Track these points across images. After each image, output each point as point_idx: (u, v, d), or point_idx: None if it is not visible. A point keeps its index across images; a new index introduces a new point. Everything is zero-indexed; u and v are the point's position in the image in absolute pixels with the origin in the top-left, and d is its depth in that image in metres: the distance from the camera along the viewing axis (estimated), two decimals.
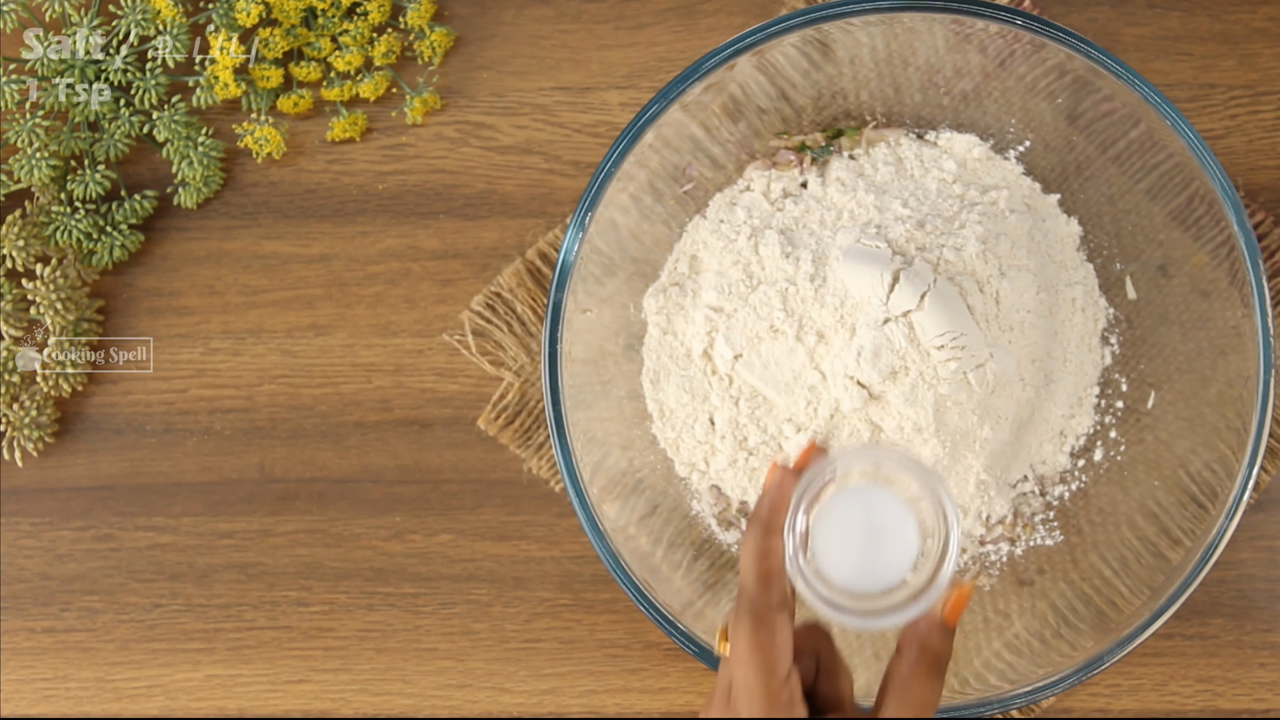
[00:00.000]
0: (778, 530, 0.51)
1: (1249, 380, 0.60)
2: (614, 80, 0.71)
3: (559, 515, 0.70)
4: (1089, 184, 0.67)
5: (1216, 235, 0.61)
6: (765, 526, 0.51)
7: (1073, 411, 0.66)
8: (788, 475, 0.52)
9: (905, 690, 0.50)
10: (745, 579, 0.50)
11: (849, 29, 0.64)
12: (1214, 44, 0.70)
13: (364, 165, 0.72)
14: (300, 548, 0.70)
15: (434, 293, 0.71)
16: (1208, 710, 0.68)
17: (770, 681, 0.48)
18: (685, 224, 0.68)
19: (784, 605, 0.50)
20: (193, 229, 0.72)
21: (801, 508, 0.51)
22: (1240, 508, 0.59)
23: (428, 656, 0.70)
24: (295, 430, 0.71)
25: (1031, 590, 0.66)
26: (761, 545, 0.50)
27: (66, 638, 0.70)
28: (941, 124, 0.68)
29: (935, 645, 0.50)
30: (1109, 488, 0.66)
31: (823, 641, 0.52)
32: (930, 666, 0.50)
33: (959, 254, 0.63)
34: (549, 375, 0.61)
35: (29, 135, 0.68)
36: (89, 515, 0.71)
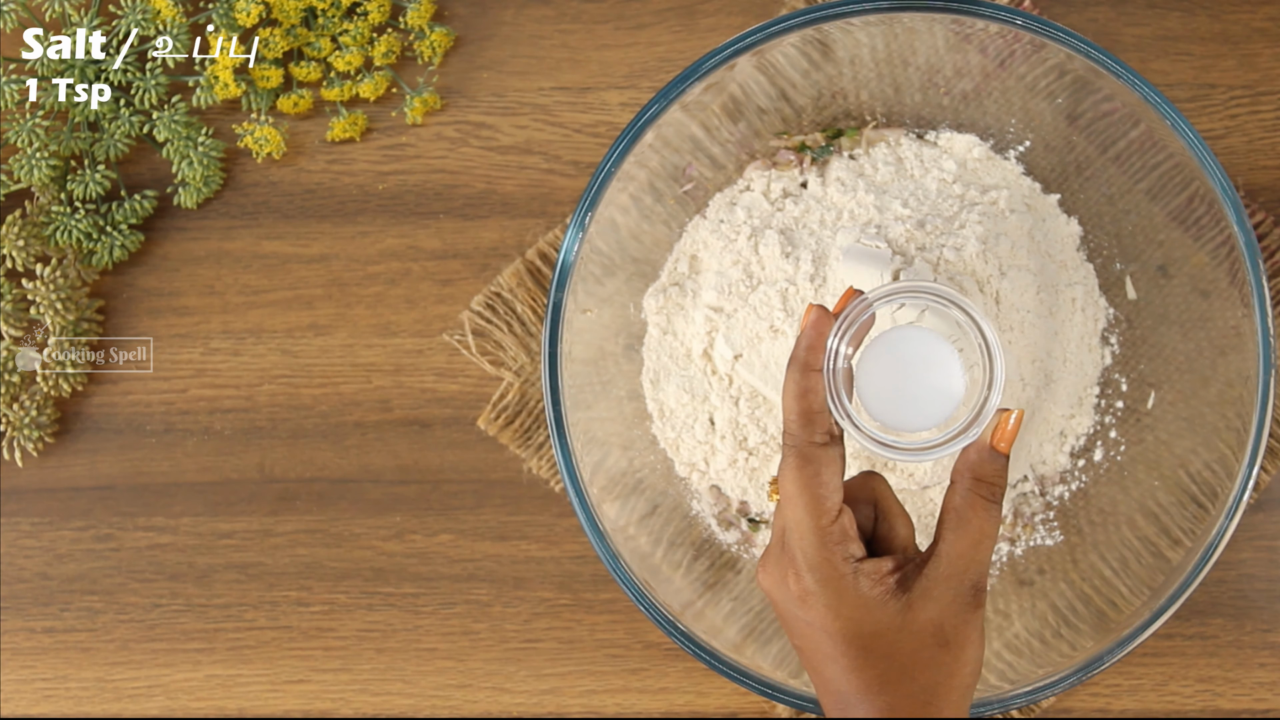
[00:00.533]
0: (816, 369, 0.51)
1: (1249, 380, 0.60)
2: (614, 80, 0.71)
3: (559, 515, 0.70)
4: (1089, 184, 0.67)
5: (1216, 235, 0.61)
6: (803, 366, 0.51)
7: (1073, 411, 0.66)
8: (824, 315, 0.52)
9: (962, 521, 0.50)
10: (788, 419, 0.50)
11: (849, 29, 0.64)
12: (1214, 44, 0.70)
13: (364, 165, 0.72)
14: (300, 548, 0.70)
15: (434, 293, 0.71)
16: (1208, 710, 0.68)
17: (820, 519, 0.49)
18: (685, 224, 0.68)
19: (830, 443, 0.50)
20: (193, 229, 0.72)
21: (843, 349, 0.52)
22: (1240, 508, 0.59)
23: (428, 656, 0.70)
24: (295, 430, 0.71)
25: (1031, 590, 0.66)
26: (801, 384, 0.51)
27: (66, 638, 0.70)
28: (941, 124, 0.68)
29: (988, 473, 0.50)
30: (1109, 488, 0.66)
31: (879, 487, 0.53)
32: (986, 495, 0.50)
33: (959, 254, 0.63)
34: (549, 375, 0.61)
35: (29, 135, 0.68)
36: (89, 515, 0.71)
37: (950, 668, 0.49)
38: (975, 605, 0.49)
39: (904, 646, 0.48)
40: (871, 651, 0.48)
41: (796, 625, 0.50)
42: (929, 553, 0.50)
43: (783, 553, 0.50)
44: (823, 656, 0.49)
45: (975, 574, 0.49)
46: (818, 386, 0.51)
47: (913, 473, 0.63)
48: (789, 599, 0.50)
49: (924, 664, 0.48)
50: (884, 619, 0.48)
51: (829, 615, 0.49)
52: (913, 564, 0.50)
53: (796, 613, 0.50)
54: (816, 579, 0.49)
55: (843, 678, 0.49)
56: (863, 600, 0.49)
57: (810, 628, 0.49)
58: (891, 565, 0.49)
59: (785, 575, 0.50)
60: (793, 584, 0.49)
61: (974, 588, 0.49)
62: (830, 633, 0.49)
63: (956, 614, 0.49)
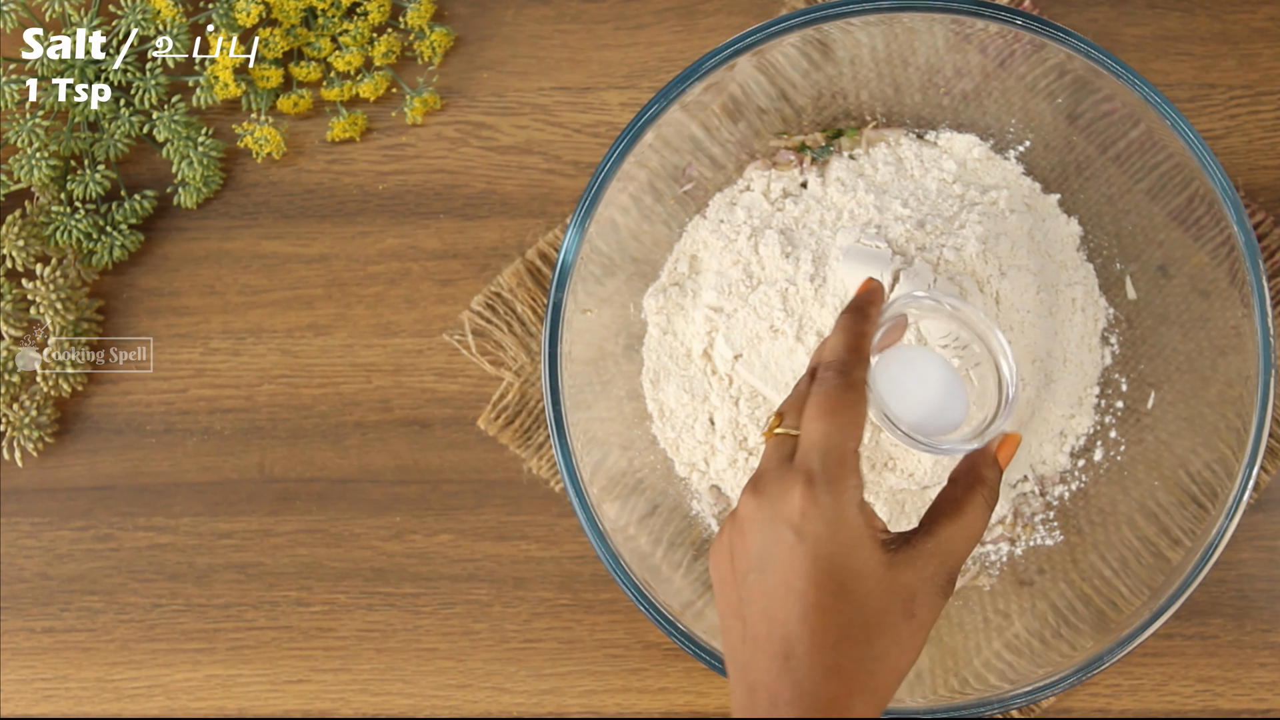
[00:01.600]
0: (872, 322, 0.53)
1: (1249, 380, 0.60)
2: (614, 80, 0.71)
3: (559, 515, 0.70)
4: (1089, 184, 0.67)
5: (1216, 235, 0.61)
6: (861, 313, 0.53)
7: (1073, 411, 0.66)
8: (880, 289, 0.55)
9: (958, 510, 0.51)
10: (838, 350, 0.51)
11: (849, 29, 0.64)
12: (1214, 44, 0.70)
13: (364, 165, 0.72)
14: (300, 548, 0.70)
15: (434, 293, 0.71)
16: (1208, 710, 0.68)
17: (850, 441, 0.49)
18: (685, 224, 0.68)
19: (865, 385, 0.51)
20: (193, 229, 0.72)
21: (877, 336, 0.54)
22: (1240, 508, 0.59)
23: (428, 656, 0.70)
24: (295, 430, 0.71)
25: (1031, 590, 0.66)
26: (857, 327, 0.52)
27: (66, 638, 0.70)
28: (941, 124, 0.68)
29: (990, 477, 0.52)
30: (1109, 488, 0.66)
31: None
32: (984, 496, 0.51)
33: (959, 254, 0.63)
34: (549, 375, 0.61)
35: (29, 135, 0.68)
36: (89, 515, 0.71)
37: (905, 643, 0.48)
38: (945, 592, 0.49)
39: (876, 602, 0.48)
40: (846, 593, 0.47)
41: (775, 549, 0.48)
42: (918, 530, 0.50)
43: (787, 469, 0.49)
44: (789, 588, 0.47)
45: (955, 562, 0.50)
46: (871, 336, 0.52)
47: (912, 473, 0.63)
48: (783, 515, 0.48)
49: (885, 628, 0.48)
50: (869, 563, 0.48)
51: (827, 532, 0.47)
52: (900, 533, 0.50)
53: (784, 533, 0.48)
54: (829, 491, 0.48)
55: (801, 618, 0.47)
56: (859, 534, 0.48)
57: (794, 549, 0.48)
58: (883, 525, 0.50)
59: (790, 487, 0.48)
60: (799, 495, 0.48)
61: (949, 575, 0.50)
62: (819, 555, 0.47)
63: (929, 592, 0.49)
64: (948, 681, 0.64)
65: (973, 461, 0.53)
